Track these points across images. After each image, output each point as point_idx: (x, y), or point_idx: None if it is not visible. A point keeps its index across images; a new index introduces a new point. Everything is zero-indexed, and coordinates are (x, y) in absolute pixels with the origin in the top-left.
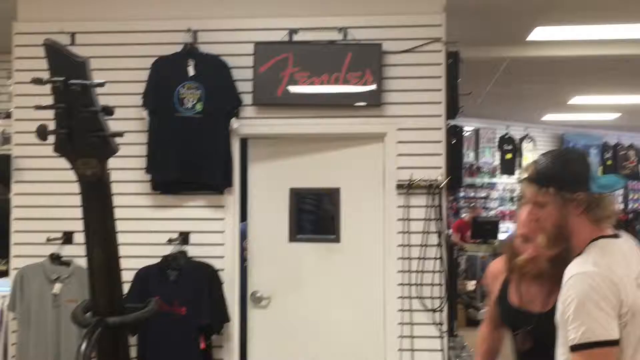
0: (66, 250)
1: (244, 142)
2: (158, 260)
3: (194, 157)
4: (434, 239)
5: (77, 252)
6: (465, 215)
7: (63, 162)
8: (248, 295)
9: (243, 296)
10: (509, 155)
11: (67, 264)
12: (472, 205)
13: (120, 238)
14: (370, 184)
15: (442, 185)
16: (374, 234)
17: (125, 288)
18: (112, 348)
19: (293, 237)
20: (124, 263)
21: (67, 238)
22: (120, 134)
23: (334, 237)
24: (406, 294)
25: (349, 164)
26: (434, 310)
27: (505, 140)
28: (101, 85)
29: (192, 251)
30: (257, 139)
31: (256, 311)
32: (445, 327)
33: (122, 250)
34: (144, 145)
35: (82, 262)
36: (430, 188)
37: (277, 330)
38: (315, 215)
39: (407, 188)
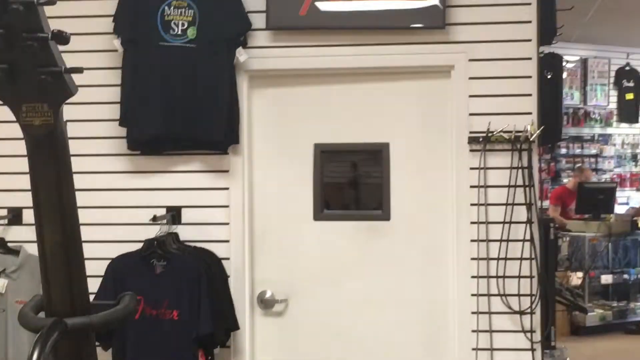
0: (13, 234)
1: (254, 81)
2: (139, 246)
3: (186, 103)
4: (522, 213)
5: (28, 236)
6: (567, 181)
7: (4, 111)
8: (253, 298)
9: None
10: (629, 96)
11: (15, 252)
12: (577, 166)
13: (86, 216)
14: (432, 137)
15: (533, 138)
16: (437, 207)
17: (95, 284)
18: (73, 358)
19: (319, 214)
20: (92, 250)
21: (15, 217)
22: (79, 70)
23: (380, 212)
24: (483, 291)
25: (401, 110)
26: (522, 313)
27: (624, 74)
28: (52, 3)
29: (185, 233)
30: (270, 77)
31: (265, 320)
32: (538, 336)
33: (90, 233)
34: (117, 87)
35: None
36: (516, 142)
37: (297, 346)
38: (352, 183)
39: (484, 143)
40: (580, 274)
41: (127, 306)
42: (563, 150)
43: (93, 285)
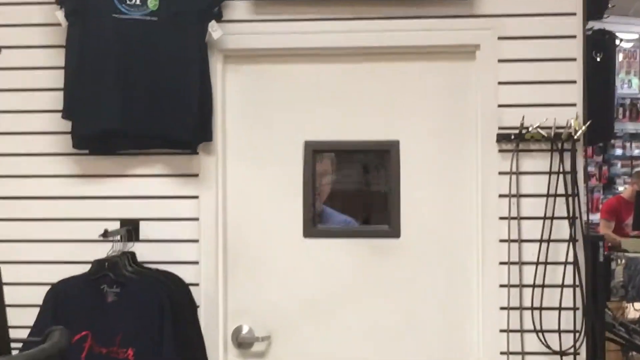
0: None
1: (231, 63)
2: (86, 268)
3: (146, 91)
4: (563, 230)
5: None
6: (623, 189)
7: None
8: (227, 335)
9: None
10: None
11: None
12: (635, 170)
13: (20, 230)
14: (452, 135)
15: (578, 135)
16: (458, 221)
17: (32, 316)
18: None
19: (311, 229)
20: (28, 273)
21: None
22: None
23: (387, 228)
24: (515, 326)
25: (413, 100)
26: (563, 354)
27: None
28: None
29: (144, 252)
30: (250, 58)
31: None
32: None
33: (26, 252)
34: (59, 70)
35: None
36: (557, 141)
37: None
38: (353, 191)
39: (516, 142)
40: (638, 305)
41: (55, 344)
42: (618, 151)
43: (29, 317)
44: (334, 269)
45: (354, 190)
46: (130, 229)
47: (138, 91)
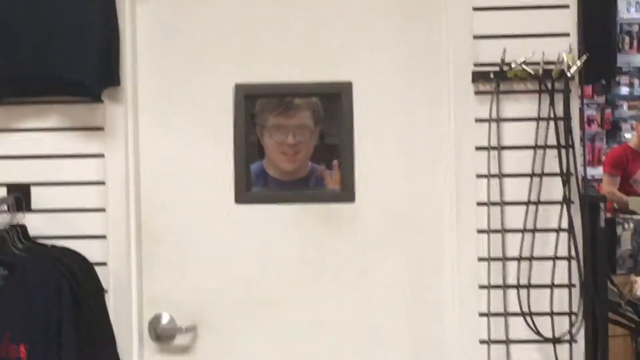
0: None
1: None
2: None
3: (34, 24)
4: (555, 189)
5: None
6: (630, 137)
7: None
8: (143, 325)
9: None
10: None
11: None
12: None
13: None
14: (417, 74)
15: (572, 72)
16: (426, 181)
17: None
18: None
19: (244, 194)
20: None
21: None
22: None
23: (338, 190)
24: (497, 309)
25: (369, 32)
26: (556, 341)
27: None
28: None
29: (37, 225)
30: None
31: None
32: None
33: None
34: None
35: None
36: (546, 80)
37: None
38: (294, 145)
39: (497, 80)
40: None
41: None
42: (624, 90)
43: None
44: (274, 243)
45: (297, 143)
46: (19, 196)
47: (24, 23)
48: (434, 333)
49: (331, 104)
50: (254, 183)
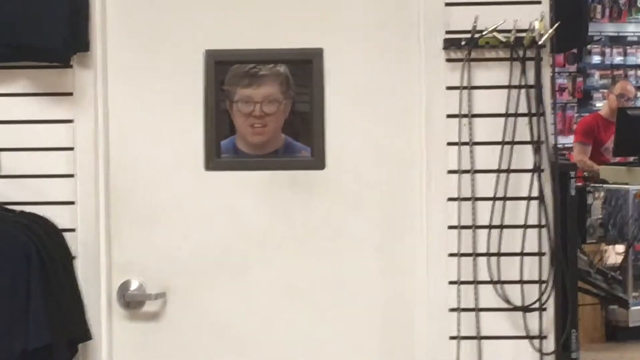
0: None
1: None
2: None
3: None
4: (526, 157)
5: None
6: (601, 106)
7: None
8: (111, 291)
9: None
10: None
11: None
12: (614, 81)
13: None
14: (388, 40)
15: (543, 40)
16: (396, 147)
17: None
18: None
19: (214, 161)
20: None
21: None
22: None
23: (309, 157)
24: (467, 277)
25: None
26: (526, 309)
27: None
28: None
29: (4, 191)
30: None
31: (131, 326)
32: (551, 345)
33: None
34: None
35: None
36: (518, 48)
37: None
38: (264, 111)
39: (468, 48)
40: (621, 248)
41: None
42: (596, 59)
43: None
44: (243, 209)
45: (267, 109)
46: None
47: None
48: (403, 300)
49: (302, 71)
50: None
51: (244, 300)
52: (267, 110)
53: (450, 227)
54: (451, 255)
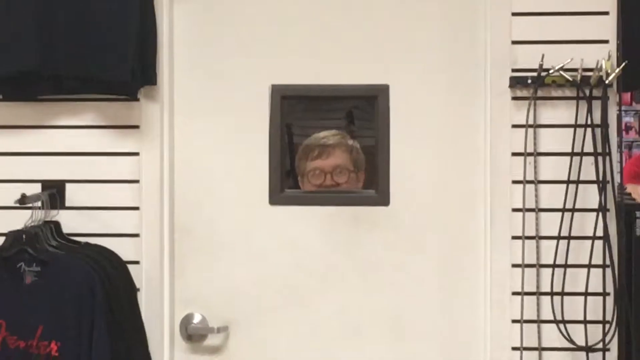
0: None
1: None
2: None
3: (72, 22)
4: (592, 196)
5: None
6: None
7: None
8: (174, 324)
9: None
10: None
11: None
12: None
13: None
14: (454, 78)
15: (610, 79)
16: (461, 185)
17: None
18: None
19: (279, 195)
20: None
21: None
22: None
23: (373, 193)
24: (530, 315)
25: (407, 35)
26: (589, 350)
27: None
28: None
29: (71, 223)
30: None
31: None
32: None
33: None
34: None
35: None
36: (584, 86)
37: None
38: (330, 147)
39: (534, 86)
40: None
41: None
42: None
43: None
44: (307, 244)
45: (333, 145)
46: (54, 193)
47: (63, 20)
48: (466, 338)
49: (366, 108)
50: None
51: (306, 334)
52: (339, 180)
53: (514, 266)
54: (514, 293)
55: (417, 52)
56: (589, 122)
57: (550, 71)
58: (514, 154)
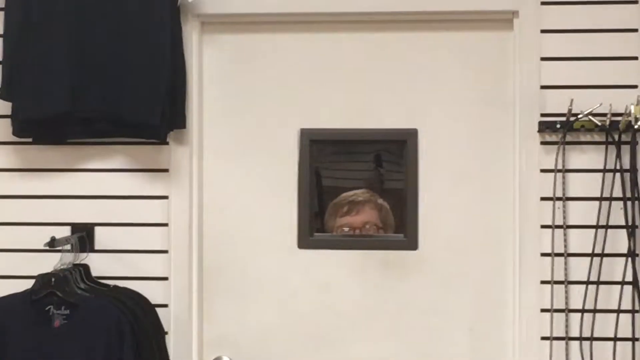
0: None
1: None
2: (28, 284)
3: (103, 66)
4: (621, 241)
5: None
6: None
7: None
8: None
9: None
10: None
11: None
12: None
13: None
14: (483, 123)
15: (638, 125)
16: (490, 230)
17: None
18: None
19: (308, 239)
20: None
21: None
22: None
23: (402, 237)
24: (558, 359)
25: (436, 79)
26: None
27: None
28: None
29: (100, 266)
30: (233, 25)
31: None
32: None
33: None
34: None
35: None
36: (613, 131)
37: None
38: (359, 191)
39: (563, 131)
40: None
41: None
42: None
43: None
44: (336, 288)
45: (362, 189)
46: (83, 236)
47: (94, 65)
48: None
49: (395, 151)
50: None
51: None
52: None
53: (543, 310)
54: (543, 338)
55: (445, 96)
56: (617, 167)
57: (579, 116)
58: (542, 199)
